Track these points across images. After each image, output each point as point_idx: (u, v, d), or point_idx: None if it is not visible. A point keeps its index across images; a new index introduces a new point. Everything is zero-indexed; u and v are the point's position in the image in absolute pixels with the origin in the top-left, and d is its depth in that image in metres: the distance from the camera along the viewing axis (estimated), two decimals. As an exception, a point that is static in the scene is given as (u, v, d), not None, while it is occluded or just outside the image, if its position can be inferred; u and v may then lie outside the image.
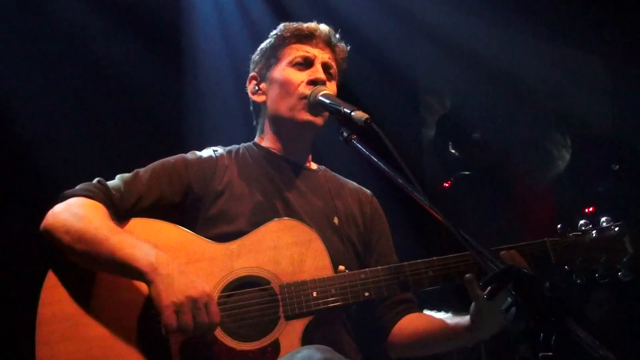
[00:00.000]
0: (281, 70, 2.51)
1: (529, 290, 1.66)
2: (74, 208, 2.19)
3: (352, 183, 2.69)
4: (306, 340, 2.15)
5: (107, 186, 2.29)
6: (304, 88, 2.44)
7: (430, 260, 2.23)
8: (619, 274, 2.22)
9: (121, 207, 2.26)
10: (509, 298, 1.90)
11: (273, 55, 2.56)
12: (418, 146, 5.10)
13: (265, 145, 2.58)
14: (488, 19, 4.72)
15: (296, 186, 2.50)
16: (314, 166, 2.64)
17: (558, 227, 2.29)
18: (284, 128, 2.53)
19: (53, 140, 3.64)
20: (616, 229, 2.25)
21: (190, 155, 2.48)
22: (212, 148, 2.56)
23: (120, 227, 2.20)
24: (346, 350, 2.30)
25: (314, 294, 2.18)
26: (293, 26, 2.56)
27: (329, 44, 2.55)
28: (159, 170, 2.38)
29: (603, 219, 2.28)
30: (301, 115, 2.43)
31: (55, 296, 2.17)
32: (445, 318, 2.37)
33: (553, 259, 2.25)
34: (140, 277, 2.07)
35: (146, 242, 2.12)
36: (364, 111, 2.18)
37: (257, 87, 2.59)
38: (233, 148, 2.58)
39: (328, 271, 2.23)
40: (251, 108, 2.67)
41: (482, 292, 2.08)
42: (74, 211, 2.18)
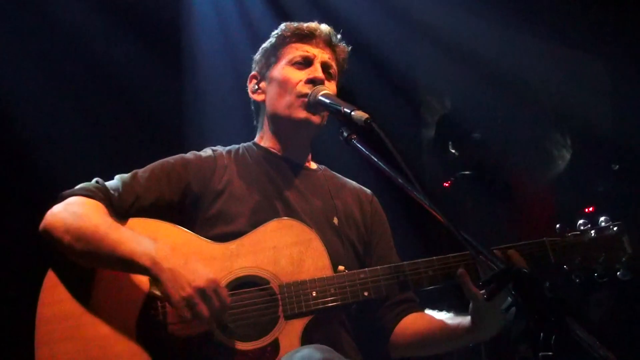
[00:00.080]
0: (280, 69, 2.51)
1: (529, 290, 1.66)
2: (73, 207, 2.20)
3: (352, 183, 2.68)
4: (306, 339, 2.15)
5: (106, 186, 2.29)
6: (302, 87, 2.43)
7: (429, 259, 2.23)
8: (618, 274, 2.22)
9: (119, 207, 2.26)
10: (509, 298, 1.90)
11: (273, 54, 2.56)
12: (418, 146, 5.09)
13: (264, 144, 2.58)
14: (488, 19, 4.71)
15: (296, 186, 2.50)
16: (314, 166, 2.64)
17: (557, 227, 2.29)
18: (282, 126, 2.53)
19: (53, 140, 3.64)
20: (615, 229, 2.25)
21: (189, 155, 2.48)
22: (212, 148, 2.56)
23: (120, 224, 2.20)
24: (346, 349, 2.30)
25: (314, 294, 2.18)
26: (294, 26, 2.56)
27: (329, 44, 2.55)
28: (158, 170, 2.38)
29: (602, 219, 2.28)
30: (298, 113, 2.43)
31: (55, 296, 2.17)
32: (446, 318, 2.37)
33: (552, 259, 2.25)
34: (143, 273, 2.10)
35: (145, 237, 2.13)
36: (364, 111, 2.18)
37: (257, 86, 2.59)
38: (232, 148, 2.58)
39: (327, 271, 2.23)
40: (252, 107, 2.67)
41: (479, 290, 2.09)
42: (73, 210, 2.19)
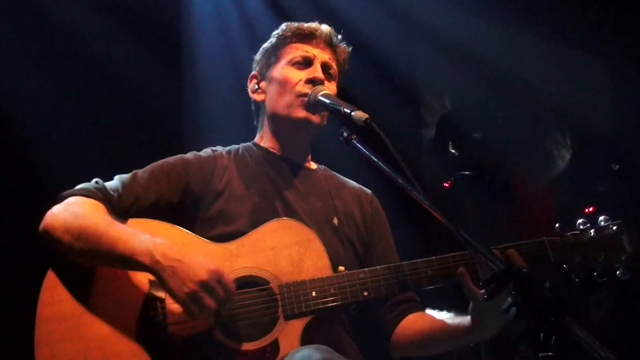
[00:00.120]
0: (280, 68, 2.51)
1: (529, 290, 1.66)
2: (72, 207, 2.20)
3: (352, 183, 2.68)
4: (305, 340, 2.14)
5: (105, 187, 2.29)
6: (302, 86, 2.43)
7: (429, 259, 2.23)
8: (618, 273, 2.22)
9: (119, 208, 2.26)
10: (509, 298, 1.89)
11: (273, 54, 2.56)
12: (418, 146, 5.09)
13: (264, 144, 2.58)
14: (488, 19, 4.71)
15: (295, 186, 2.50)
16: (314, 166, 2.64)
17: (556, 226, 2.29)
18: (282, 126, 2.52)
19: (53, 140, 3.64)
20: (614, 228, 2.25)
21: (189, 155, 2.47)
22: (212, 148, 2.56)
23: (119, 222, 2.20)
24: (346, 349, 2.30)
25: (313, 294, 2.18)
26: (294, 26, 2.56)
27: (330, 44, 2.55)
28: (158, 170, 2.38)
29: (601, 218, 2.28)
30: (297, 112, 2.43)
31: (55, 296, 2.17)
32: (446, 318, 2.37)
33: (552, 258, 2.25)
34: (144, 270, 2.10)
35: (145, 233, 2.13)
36: (364, 111, 2.18)
37: (257, 86, 2.59)
38: (232, 148, 2.58)
39: (327, 271, 2.23)
40: (252, 107, 2.67)
41: (479, 290, 2.09)
42: (72, 210, 2.18)
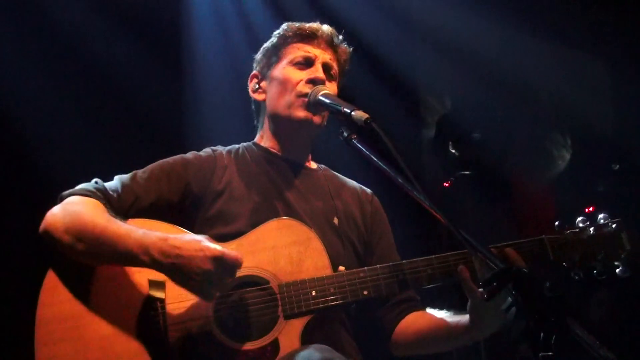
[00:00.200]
0: (281, 68, 2.51)
1: (529, 290, 1.66)
2: (71, 207, 2.20)
3: (352, 182, 2.68)
4: (305, 339, 2.14)
5: (105, 187, 2.29)
6: (303, 86, 2.43)
7: (428, 258, 2.23)
8: (617, 271, 2.22)
9: (119, 208, 2.26)
10: (509, 298, 1.89)
11: (274, 54, 2.56)
12: (418, 146, 5.09)
13: (264, 144, 2.58)
14: (488, 19, 4.71)
15: (296, 186, 2.50)
16: (314, 165, 2.64)
17: (556, 224, 2.28)
18: (282, 126, 2.52)
19: (53, 140, 3.64)
20: (614, 226, 2.24)
21: (189, 155, 2.47)
22: (212, 148, 2.56)
23: (118, 219, 2.19)
24: (346, 349, 2.30)
25: (313, 293, 2.18)
26: (295, 26, 2.56)
27: (331, 45, 2.55)
28: (158, 171, 2.38)
29: (601, 216, 2.27)
30: (298, 112, 2.43)
31: (54, 297, 2.16)
32: (445, 317, 2.37)
33: (551, 256, 2.24)
34: (145, 267, 2.10)
35: (140, 229, 2.12)
36: (364, 111, 2.18)
37: (258, 86, 2.59)
38: (232, 148, 2.58)
39: (327, 270, 2.23)
40: (252, 107, 2.67)
41: (478, 288, 2.08)
42: (71, 209, 2.18)
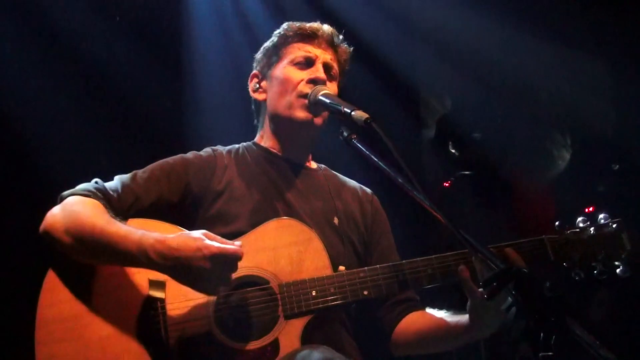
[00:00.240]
0: (282, 68, 2.51)
1: (529, 290, 1.66)
2: (71, 207, 2.19)
3: (353, 182, 2.68)
4: (306, 339, 2.15)
5: (105, 187, 2.29)
6: (304, 86, 2.43)
7: (428, 258, 2.23)
8: (618, 271, 2.22)
9: (118, 208, 2.26)
10: (509, 298, 1.89)
11: (275, 53, 2.55)
12: (418, 146, 5.09)
13: (264, 144, 2.58)
14: (488, 19, 4.70)
15: (296, 186, 2.50)
16: (314, 165, 2.64)
17: (556, 224, 2.28)
18: (283, 126, 2.52)
19: (53, 140, 3.64)
20: (614, 226, 2.24)
21: (189, 155, 2.47)
22: (212, 148, 2.56)
23: (117, 220, 2.19)
24: (346, 349, 2.30)
25: (313, 293, 2.18)
26: (296, 25, 2.56)
27: (332, 45, 2.55)
28: (158, 170, 2.38)
29: (601, 216, 2.27)
30: (299, 113, 2.43)
31: (55, 297, 2.17)
32: (445, 317, 2.37)
33: (551, 256, 2.25)
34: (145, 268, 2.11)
35: (139, 230, 2.10)
36: (364, 111, 2.18)
37: (258, 85, 2.59)
38: (232, 148, 2.58)
39: (327, 270, 2.23)
40: (252, 107, 2.67)
41: (478, 288, 2.08)
42: (71, 210, 2.18)
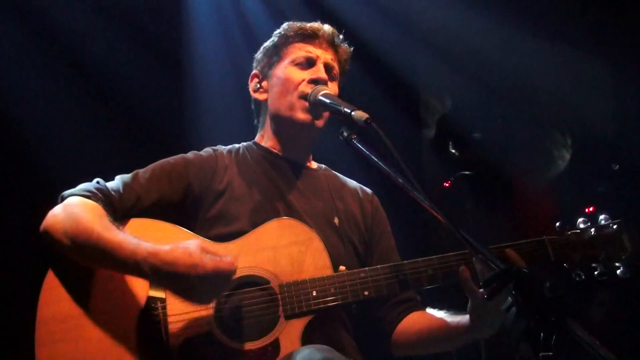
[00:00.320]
0: (283, 68, 2.50)
1: (530, 290, 1.66)
2: (72, 209, 2.18)
3: (353, 182, 2.68)
4: (306, 339, 2.15)
5: (106, 187, 2.28)
6: (305, 87, 2.43)
7: (429, 258, 2.24)
8: (618, 272, 2.22)
9: (120, 208, 2.26)
10: (510, 298, 1.89)
11: (276, 53, 2.55)
12: (418, 146, 5.09)
13: (265, 144, 2.57)
14: (488, 19, 4.71)
15: (296, 186, 2.50)
16: (315, 165, 2.64)
17: (557, 225, 2.29)
18: (284, 127, 2.52)
19: (53, 140, 3.64)
20: (615, 227, 2.25)
21: (190, 155, 2.47)
22: (212, 147, 2.55)
23: (115, 226, 2.18)
24: (346, 349, 2.30)
25: (314, 293, 2.18)
26: (297, 25, 2.56)
27: (332, 45, 2.55)
28: (159, 170, 2.38)
29: (601, 217, 2.28)
30: (300, 114, 2.43)
31: (54, 297, 2.16)
32: (446, 317, 2.37)
33: (552, 257, 2.25)
34: (140, 277, 2.10)
35: (135, 238, 2.09)
36: (364, 111, 2.18)
37: (259, 85, 2.58)
38: (233, 147, 2.58)
39: (328, 270, 2.23)
40: (252, 106, 2.67)
41: (479, 289, 2.08)
42: (71, 212, 2.17)
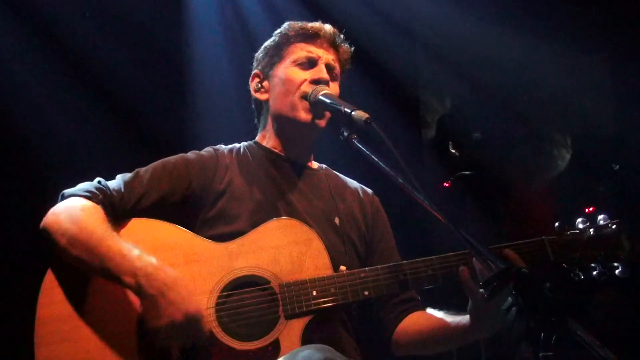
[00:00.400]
0: (284, 68, 2.50)
1: (530, 290, 1.66)
2: (73, 210, 2.18)
3: (353, 182, 2.68)
4: (306, 339, 2.14)
5: (107, 187, 2.28)
6: (307, 87, 2.43)
7: (429, 258, 2.23)
8: (617, 272, 2.22)
9: (120, 208, 2.26)
10: (510, 298, 1.89)
11: (277, 53, 2.55)
12: (418, 146, 5.09)
13: (266, 144, 2.57)
14: (488, 19, 4.71)
15: (297, 186, 2.49)
16: (315, 165, 2.64)
17: (556, 225, 2.29)
18: (286, 127, 2.52)
19: (53, 140, 3.64)
20: (613, 227, 2.24)
21: (191, 154, 2.47)
22: (213, 147, 2.55)
23: (116, 231, 2.19)
24: (346, 349, 2.30)
25: (314, 293, 2.18)
26: (298, 25, 2.55)
27: (333, 45, 2.54)
28: (160, 170, 2.37)
29: (600, 217, 2.27)
30: (302, 115, 2.43)
31: (54, 297, 2.16)
32: (446, 317, 2.37)
33: (551, 257, 2.25)
34: (129, 289, 2.09)
35: (137, 249, 2.10)
36: (364, 111, 2.18)
37: (260, 85, 2.58)
38: (234, 147, 2.58)
39: (328, 270, 2.23)
40: (253, 106, 2.66)
41: (480, 289, 2.08)
42: (72, 214, 2.17)
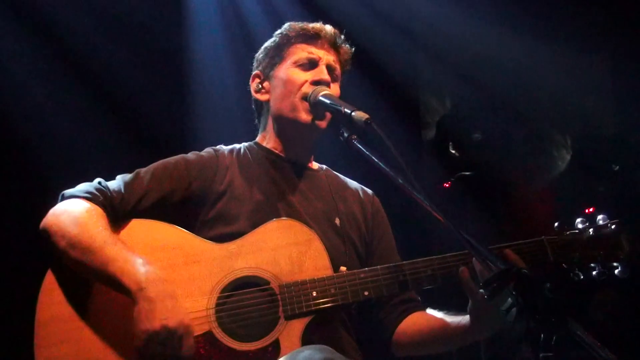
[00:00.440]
0: (285, 69, 2.50)
1: (530, 290, 1.66)
2: (73, 212, 2.18)
3: (354, 183, 2.68)
4: (306, 340, 2.14)
5: (108, 188, 2.28)
6: (307, 88, 2.43)
7: (429, 259, 2.23)
8: (616, 272, 2.22)
9: (121, 209, 2.26)
10: (510, 298, 1.89)
11: (277, 54, 2.55)
12: (418, 146, 5.09)
13: (266, 145, 2.57)
14: (488, 19, 4.71)
15: (297, 187, 2.49)
16: (316, 166, 2.64)
17: (555, 225, 2.29)
18: (286, 128, 2.52)
19: (53, 140, 3.64)
20: (613, 227, 2.24)
21: (191, 155, 2.47)
22: (213, 148, 2.55)
23: (116, 232, 2.19)
24: (346, 349, 2.30)
25: (314, 294, 2.18)
26: (298, 26, 2.55)
27: (334, 46, 2.54)
28: (160, 171, 2.37)
29: (600, 217, 2.28)
30: (303, 116, 2.43)
31: (53, 298, 2.16)
32: (446, 317, 2.37)
33: (551, 257, 2.25)
34: (127, 295, 2.04)
35: (140, 257, 2.09)
36: (364, 111, 2.18)
37: (261, 86, 2.58)
38: (234, 148, 2.57)
39: (328, 271, 2.23)
40: (253, 106, 2.66)
41: (480, 290, 2.08)
42: (73, 215, 2.16)
